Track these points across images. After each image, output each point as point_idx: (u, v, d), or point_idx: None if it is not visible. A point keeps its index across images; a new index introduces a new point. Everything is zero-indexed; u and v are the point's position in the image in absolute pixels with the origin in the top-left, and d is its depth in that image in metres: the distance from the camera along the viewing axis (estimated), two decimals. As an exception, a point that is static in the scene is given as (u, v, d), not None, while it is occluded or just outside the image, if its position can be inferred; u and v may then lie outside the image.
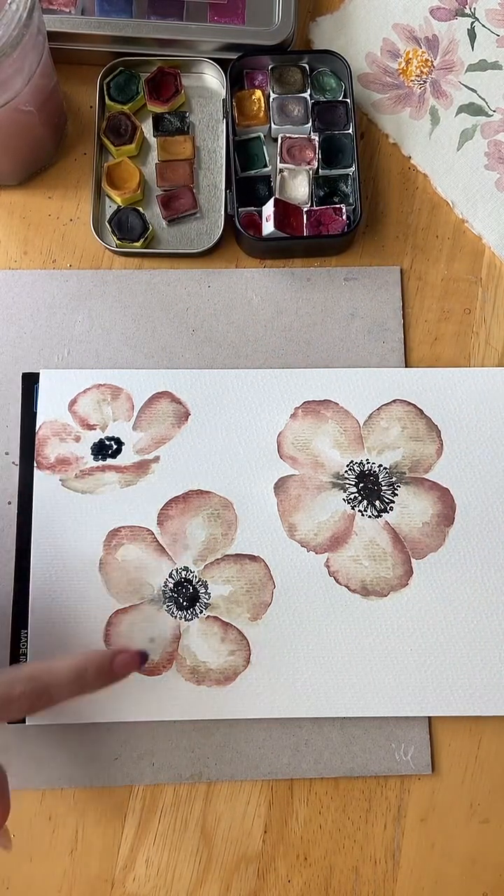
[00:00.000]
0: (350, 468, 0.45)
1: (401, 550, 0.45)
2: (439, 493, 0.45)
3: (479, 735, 0.44)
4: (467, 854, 0.43)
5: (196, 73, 0.51)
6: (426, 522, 0.45)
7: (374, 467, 0.45)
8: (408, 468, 0.46)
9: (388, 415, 0.46)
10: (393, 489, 0.45)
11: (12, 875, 0.42)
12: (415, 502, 0.45)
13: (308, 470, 0.45)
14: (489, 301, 0.49)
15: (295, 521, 0.45)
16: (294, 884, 0.43)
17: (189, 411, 0.46)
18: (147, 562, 0.44)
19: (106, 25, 0.49)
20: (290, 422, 0.46)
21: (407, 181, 0.51)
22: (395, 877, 0.43)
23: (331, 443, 0.46)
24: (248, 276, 0.49)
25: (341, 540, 0.45)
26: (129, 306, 0.48)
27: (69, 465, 0.45)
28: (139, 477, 0.45)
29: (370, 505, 0.45)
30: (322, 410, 0.46)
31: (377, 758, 0.43)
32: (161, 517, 0.44)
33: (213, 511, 0.45)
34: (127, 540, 0.44)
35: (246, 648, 0.43)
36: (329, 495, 0.45)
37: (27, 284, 0.48)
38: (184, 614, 0.44)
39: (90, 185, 0.49)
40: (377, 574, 0.44)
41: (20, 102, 0.42)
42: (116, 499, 0.45)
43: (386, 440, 0.46)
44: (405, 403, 0.46)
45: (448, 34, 0.52)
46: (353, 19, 0.52)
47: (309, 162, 0.49)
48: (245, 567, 0.44)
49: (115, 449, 0.45)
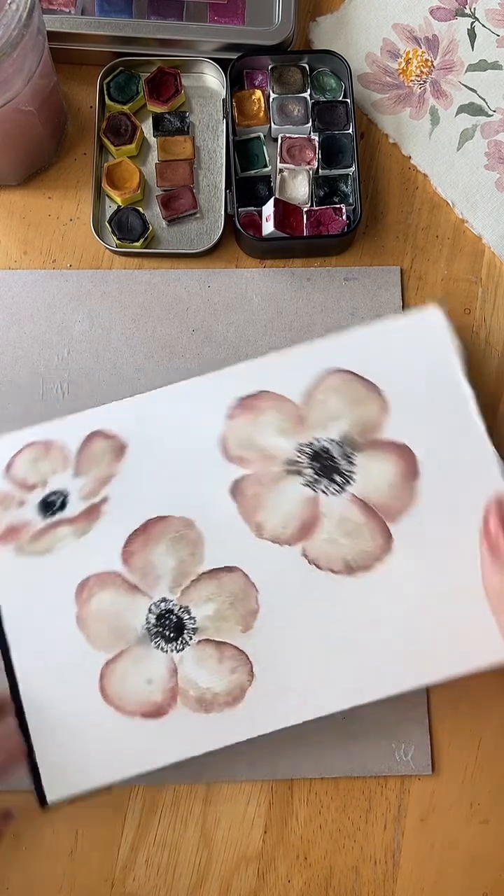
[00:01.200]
0: (301, 451, 0.44)
1: (374, 518, 0.43)
2: (397, 450, 0.44)
3: (479, 735, 0.44)
4: (467, 854, 0.43)
5: (196, 73, 0.51)
6: (391, 483, 0.44)
7: (325, 443, 0.44)
8: (358, 434, 0.44)
9: (323, 387, 0.45)
10: (349, 460, 0.44)
11: (12, 875, 0.42)
12: (375, 466, 0.44)
13: (259, 465, 0.44)
14: (489, 301, 0.49)
15: (260, 520, 0.43)
16: (294, 884, 0.43)
17: (125, 443, 0.44)
18: (123, 605, 0.42)
19: (106, 25, 0.49)
20: (229, 422, 0.45)
21: (407, 181, 0.51)
22: (395, 877, 0.43)
23: (274, 431, 0.44)
24: (248, 276, 0.49)
25: (311, 525, 0.43)
26: (128, 306, 0.48)
27: (19, 532, 0.43)
28: (92, 522, 0.43)
29: (331, 482, 0.44)
30: (256, 403, 0.45)
31: (377, 758, 0.43)
32: (125, 555, 0.43)
33: (174, 534, 0.43)
34: (97, 588, 0.42)
35: (246, 662, 0.42)
36: (287, 484, 0.44)
37: (27, 284, 0.48)
38: (174, 646, 0.42)
39: (90, 185, 0.49)
40: (357, 549, 0.43)
41: (20, 102, 0.42)
42: (75, 551, 0.43)
43: (327, 413, 0.44)
44: (336, 371, 0.45)
45: (448, 34, 0.52)
46: (353, 19, 0.52)
47: (309, 162, 0.49)
48: (223, 581, 0.43)
49: (61, 502, 0.43)
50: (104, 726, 0.41)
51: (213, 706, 0.41)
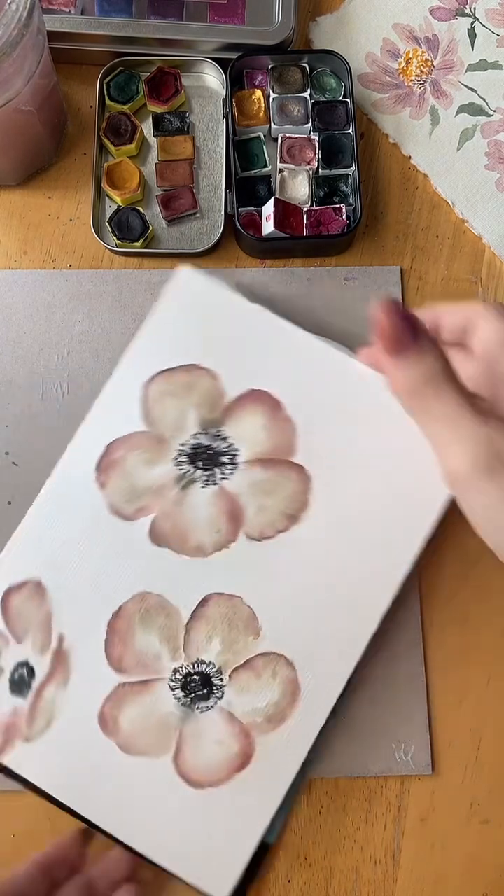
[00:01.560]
0: (179, 463, 0.43)
1: (276, 463, 0.43)
2: (247, 399, 0.43)
3: (479, 735, 0.44)
4: (467, 854, 0.43)
5: (196, 73, 0.51)
6: (265, 426, 0.43)
7: (191, 440, 0.44)
8: (208, 412, 0.43)
9: (151, 401, 0.44)
10: (220, 437, 0.43)
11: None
12: (242, 425, 0.43)
13: (158, 502, 0.43)
14: (489, 301, 0.49)
15: (195, 543, 0.43)
16: (294, 884, 0.43)
17: (38, 582, 0.43)
18: (148, 704, 0.41)
19: (106, 25, 0.49)
20: (104, 491, 0.43)
21: (407, 181, 0.51)
22: (395, 877, 0.43)
23: (145, 467, 0.43)
24: (249, 276, 0.49)
25: (236, 510, 0.43)
26: (128, 306, 0.48)
27: (16, 726, 0.41)
28: (68, 664, 0.42)
29: (221, 467, 0.43)
30: (113, 458, 0.43)
31: (377, 758, 0.43)
32: (116, 664, 0.42)
33: (138, 616, 0.42)
34: (117, 711, 0.41)
35: (278, 658, 0.42)
36: (192, 497, 0.43)
37: (27, 284, 0.48)
38: (215, 698, 0.42)
39: (90, 185, 0.49)
40: (284, 496, 0.43)
41: (20, 102, 0.42)
42: (72, 699, 0.41)
43: (172, 417, 0.44)
44: (151, 379, 0.44)
45: (448, 34, 0.52)
46: (353, 19, 0.52)
47: (309, 162, 0.49)
48: (209, 615, 0.42)
49: (28, 671, 0.42)
50: (216, 809, 0.41)
51: (282, 716, 0.41)
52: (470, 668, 0.45)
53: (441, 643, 0.45)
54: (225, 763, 0.41)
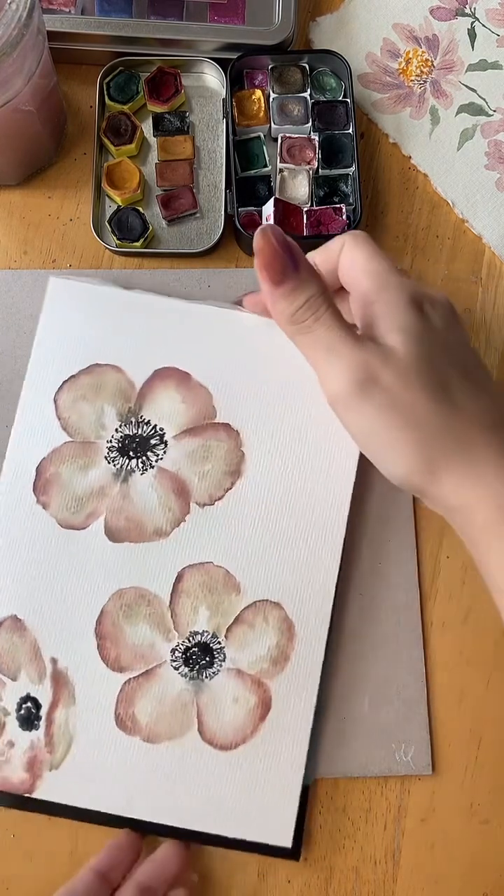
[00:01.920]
0: (111, 459, 0.44)
1: (203, 429, 0.45)
2: (157, 378, 0.45)
3: (479, 735, 0.44)
4: (467, 854, 0.43)
5: (196, 73, 0.51)
6: (180, 398, 0.45)
7: (115, 434, 0.45)
8: (122, 402, 0.45)
9: (63, 410, 0.45)
10: (140, 422, 0.45)
11: (12, 875, 0.42)
12: (156, 405, 0.45)
13: (108, 501, 0.44)
14: (489, 301, 0.49)
15: (155, 527, 0.44)
16: (294, 884, 0.43)
17: (11, 614, 0.43)
18: (163, 688, 0.42)
19: (106, 25, 0.49)
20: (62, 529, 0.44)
21: (407, 181, 0.51)
22: (395, 877, 0.43)
23: (81, 473, 0.44)
24: (249, 276, 0.49)
25: (181, 485, 0.44)
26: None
27: (37, 760, 0.42)
28: (70, 686, 0.42)
29: (152, 449, 0.44)
30: (48, 476, 0.44)
31: (377, 758, 0.43)
32: (111, 663, 0.42)
33: (121, 612, 0.43)
34: (135, 705, 0.42)
35: (266, 602, 0.43)
36: (137, 487, 0.44)
37: (27, 284, 0.48)
38: (219, 662, 0.43)
39: (90, 185, 0.49)
40: (221, 456, 0.44)
41: (20, 102, 0.42)
42: (84, 714, 0.42)
43: (90, 419, 0.45)
44: (58, 393, 0.45)
45: (448, 34, 0.52)
46: (353, 19, 0.52)
47: (309, 162, 0.49)
48: (186, 590, 0.43)
49: (33, 703, 0.42)
50: (254, 763, 0.42)
51: (285, 655, 0.43)
52: (470, 668, 0.45)
53: (441, 643, 0.45)
54: (248, 717, 0.42)
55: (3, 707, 0.42)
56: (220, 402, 0.45)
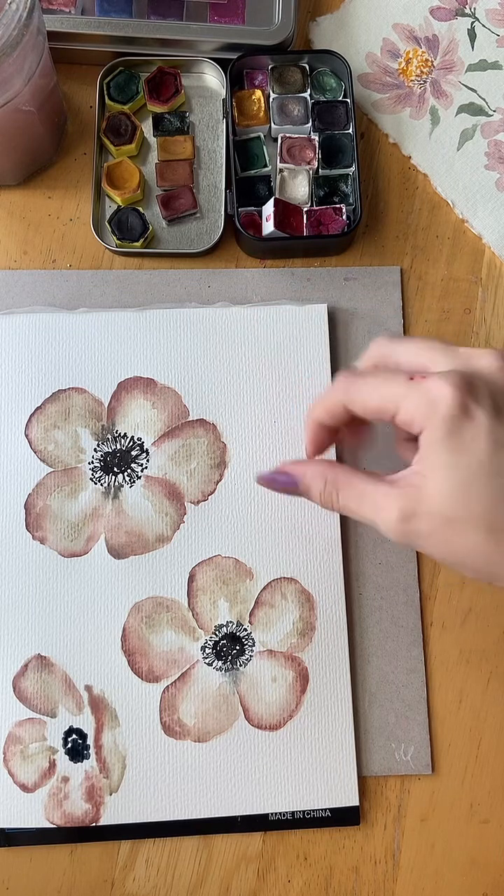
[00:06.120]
0: (97, 479, 0.44)
1: (179, 430, 0.45)
2: (125, 388, 0.46)
3: (479, 735, 0.44)
4: (467, 854, 0.43)
5: (196, 73, 0.51)
6: (149, 405, 0.45)
7: (96, 455, 0.45)
8: (93, 422, 0.45)
9: (41, 432, 0.45)
10: (116, 435, 0.45)
11: (12, 875, 0.42)
12: (129, 417, 0.45)
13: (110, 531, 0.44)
14: (489, 301, 0.49)
15: (155, 535, 0.44)
16: (294, 884, 0.43)
17: (35, 654, 0.43)
18: (202, 692, 0.43)
19: (106, 25, 0.49)
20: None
21: (407, 181, 0.51)
22: (395, 877, 0.43)
23: (69, 500, 0.44)
24: (248, 276, 0.49)
25: (173, 489, 0.45)
26: (129, 306, 0.48)
27: (98, 789, 0.42)
28: (111, 711, 0.43)
29: (134, 459, 0.45)
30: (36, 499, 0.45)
31: (377, 758, 0.43)
32: (149, 678, 0.43)
33: (144, 625, 0.43)
34: (179, 709, 0.43)
35: (285, 579, 0.44)
36: (129, 501, 0.44)
37: (27, 284, 0.48)
38: (251, 650, 0.43)
39: (90, 185, 0.49)
40: (203, 452, 0.45)
41: (20, 102, 0.42)
42: (130, 735, 0.43)
43: (67, 445, 0.45)
44: (27, 427, 0.45)
45: (448, 34, 0.52)
46: (353, 19, 0.52)
47: (309, 162, 0.49)
48: (202, 587, 0.44)
49: (78, 733, 0.43)
50: (305, 736, 0.43)
51: (310, 625, 0.44)
52: (470, 668, 0.45)
53: (441, 643, 0.45)
54: (289, 693, 0.43)
55: (50, 746, 0.42)
56: (189, 399, 0.46)
